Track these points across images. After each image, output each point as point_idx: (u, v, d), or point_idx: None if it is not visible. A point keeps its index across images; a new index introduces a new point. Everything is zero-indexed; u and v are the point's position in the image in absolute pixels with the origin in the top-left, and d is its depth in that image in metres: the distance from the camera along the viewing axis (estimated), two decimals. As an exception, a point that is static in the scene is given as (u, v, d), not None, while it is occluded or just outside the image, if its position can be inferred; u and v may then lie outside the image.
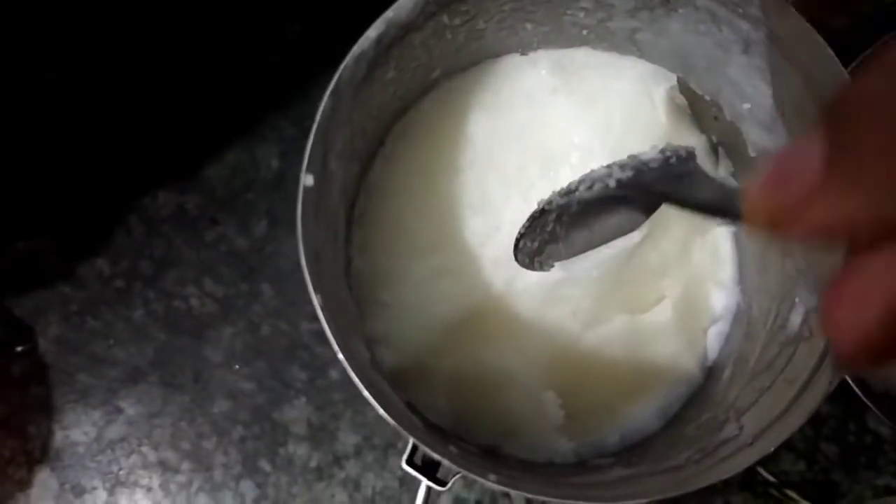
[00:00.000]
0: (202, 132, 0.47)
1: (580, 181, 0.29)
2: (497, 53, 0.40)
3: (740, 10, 0.31)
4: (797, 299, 0.33)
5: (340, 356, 0.28)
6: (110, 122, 0.47)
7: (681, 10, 0.33)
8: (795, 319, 0.32)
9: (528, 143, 0.39)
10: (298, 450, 0.44)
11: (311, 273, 0.29)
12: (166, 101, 0.47)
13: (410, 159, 0.40)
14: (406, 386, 0.37)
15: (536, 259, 0.34)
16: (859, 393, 0.40)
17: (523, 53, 0.40)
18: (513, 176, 0.39)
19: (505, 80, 0.40)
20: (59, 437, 0.44)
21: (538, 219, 0.32)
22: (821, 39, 0.29)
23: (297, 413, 0.44)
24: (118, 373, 0.45)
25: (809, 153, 0.15)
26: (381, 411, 0.28)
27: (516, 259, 0.33)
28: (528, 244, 0.33)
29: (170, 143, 0.47)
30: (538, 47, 0.39)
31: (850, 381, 0.40)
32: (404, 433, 0.28)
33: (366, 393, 0.28)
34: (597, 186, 0.28)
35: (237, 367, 0.45)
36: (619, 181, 0.28)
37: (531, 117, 0.39)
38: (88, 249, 0.46)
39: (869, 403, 0.40)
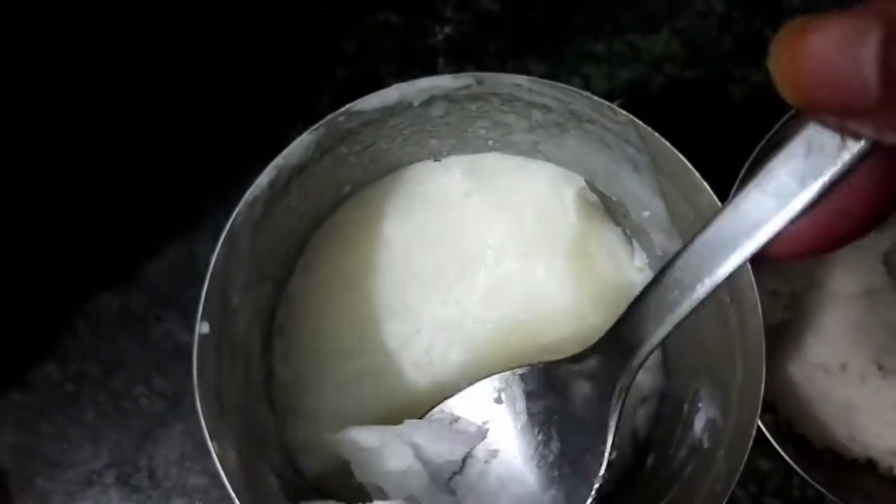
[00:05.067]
0: (140, 229, 0.48)
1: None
2: (409, 162, 0.40)
3: (623, 137, 0.32)
4: (700, 403, 0.34)
5: None
6: (46, 226, 0.48)
7: (573, 131, 0.34)
8: (699, 424, 0.34)
9: (444, 245, 0.40)
10: (253, 543, 0.45)
11: (207, 419, 0.29)
12: (101, 198, 0.48)
13: (329, 267, 0.41)
14: (331, 490, 0.38)
15: None
16: (786, 457, 0.41)
17: (436, 159, 0.40)
18: (430, 278, 0.39)
19: (418, 185, 0.41)
20: (20, 543, 0.46)
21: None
22: (682, 158, 0.30)
23: (250, 505, 0.45)
24: (75, 475, 0.46)
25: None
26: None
27: None
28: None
29: (110, 244, 0.48)
30: (449, 154, 0.40)
31: (777, 446, 0.41)
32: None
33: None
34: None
35: (189, 463, 0.46)
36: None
37: (446, 220, 0.40)
38: (37, 355, 0.47)
39: (796, 467, 0.41)
